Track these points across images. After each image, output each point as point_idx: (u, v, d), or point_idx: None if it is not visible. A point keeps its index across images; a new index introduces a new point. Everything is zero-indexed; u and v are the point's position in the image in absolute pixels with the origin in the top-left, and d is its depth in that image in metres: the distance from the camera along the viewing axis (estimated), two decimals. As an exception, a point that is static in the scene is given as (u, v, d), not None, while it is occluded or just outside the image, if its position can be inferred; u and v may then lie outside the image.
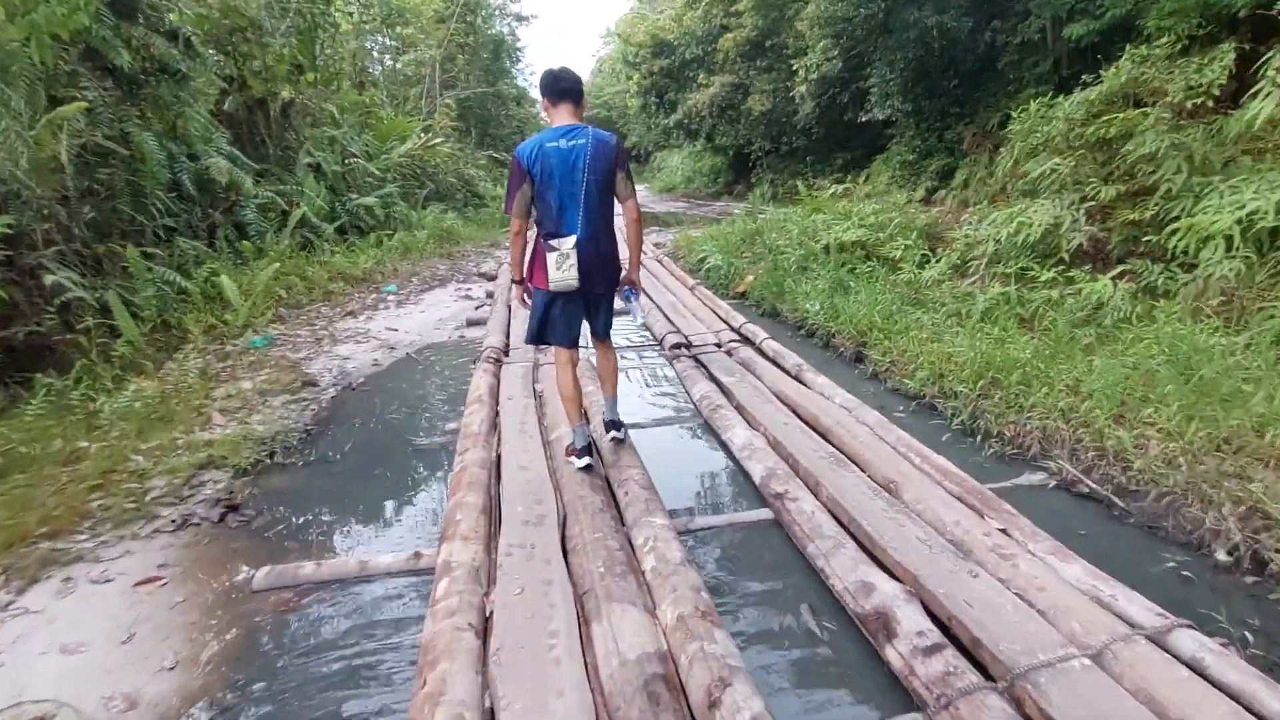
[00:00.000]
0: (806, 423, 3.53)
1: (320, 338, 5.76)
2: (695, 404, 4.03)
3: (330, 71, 12.58)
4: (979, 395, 3.48)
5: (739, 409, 3.83)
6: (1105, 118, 5.69)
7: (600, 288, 2.84)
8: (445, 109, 20.56)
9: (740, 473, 3.17)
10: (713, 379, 4.35)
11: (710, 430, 3.70)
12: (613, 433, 3.14)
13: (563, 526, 2.57)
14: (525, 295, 2.93)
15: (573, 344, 2.94)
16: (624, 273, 2.96)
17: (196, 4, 7.85)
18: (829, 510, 2.64)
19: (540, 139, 2.67)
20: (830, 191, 9.86)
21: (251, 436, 3.68)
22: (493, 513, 2.76)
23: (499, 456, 3.27)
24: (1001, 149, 10.86)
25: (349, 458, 3.57)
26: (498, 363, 4.74)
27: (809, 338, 5.34)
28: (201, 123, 7.82)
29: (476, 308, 6.94)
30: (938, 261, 6.29)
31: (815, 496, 2.77)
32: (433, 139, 14.00)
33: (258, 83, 9.39)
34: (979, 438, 3.35)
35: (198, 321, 5.65)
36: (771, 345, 4.86)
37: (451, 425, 3.85)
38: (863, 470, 2.97)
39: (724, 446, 3.46)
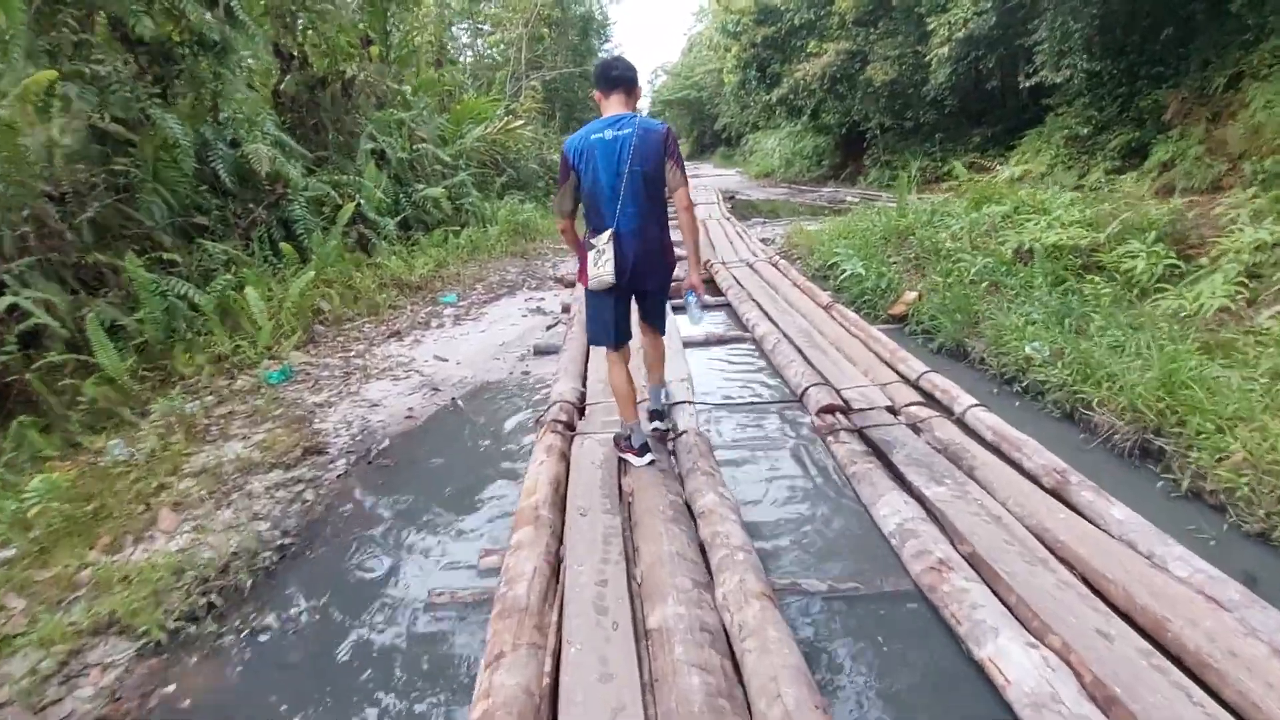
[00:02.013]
0: (1143, 631, 1.83)
1: (351, 371, 4.53)
2: (890, 544, 2.40)
3: (405, 49, 11.59)
4: None
5: (976, 564, 2.16)
6: None
7: (648, 284, 2.69)
8: (531, 91, 19.50)
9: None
10: (905, 486, 2.69)
11: (926, 601, 2.08)
12: (655, 423, 3.02)
13: None
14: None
15: (622, 343, 2.79)
16: (685, 276, 2.80)
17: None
18: None
19: (587, 130, 2.54)
20: (1006, 174, 7.73)
21: (196, 563, 2.40)
22: None
23: (556, 672, 1.79)
24: (1226, 118, 8.38)
25: (320, 623, 2.21)
26: (569, 428, 3.29)
27: (1031, 398, 3.54)
28: (248, 103, 6.84)
29: (548, 327, 5.54)
30: (1207, 279, 4.25)
31: None
32: (513, 121, 12.79)
33: (319, 58, 8.41)
34: None
35: (207, 349, 4.55)
36: (986, 419, 3.12)
37: (490, 559, 2.43)
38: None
39: (976, 665, 1.83)
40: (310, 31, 8.14)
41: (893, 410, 3.36)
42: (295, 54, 8.18)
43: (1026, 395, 3.56)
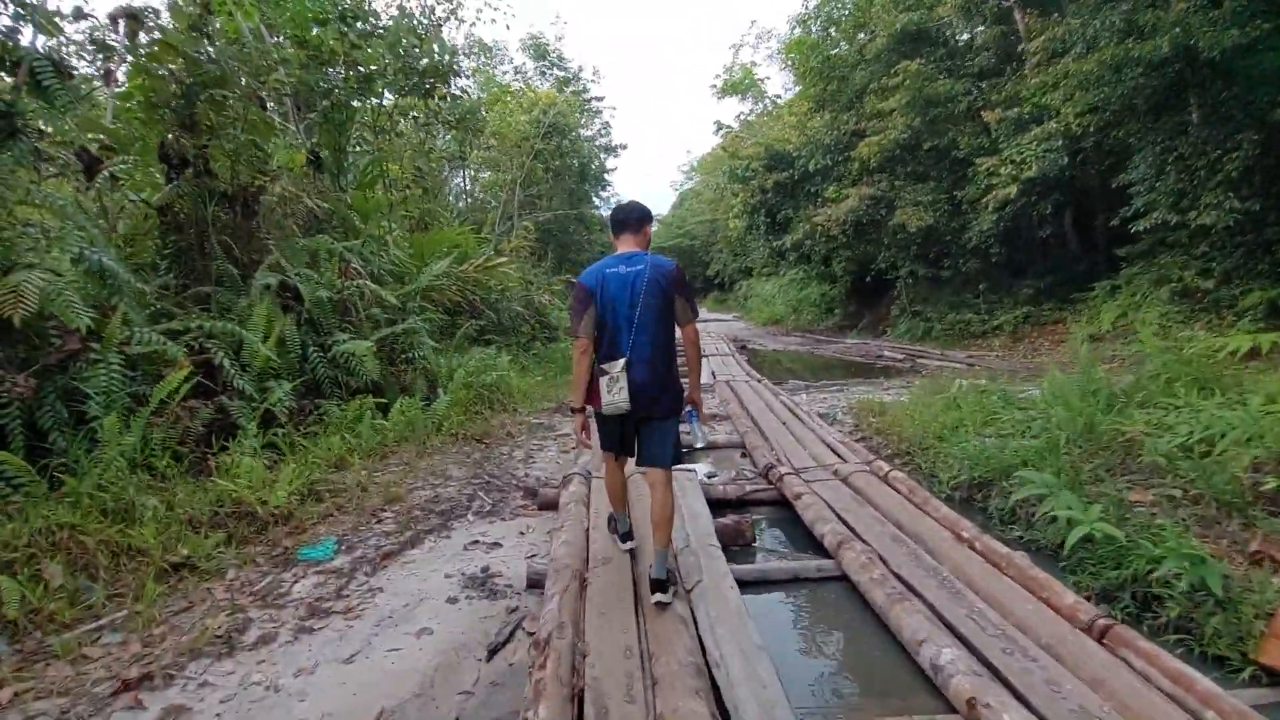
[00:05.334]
0: None
1: None
2: None
3: (371, 174, 9.69)
4: None
5: None
6: None
7: (654, 410, 2.71)
8: (523, 231, 18.04)
9: None
10: None
11: None
12: (657, 595, 2.60)
13: None
14: (584, 430, 2.89)
15: (622, 455, 2.93)
16: (686, 393, 2.89)
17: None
18: None
19: (602, 265, 2.74)
20: (1236, 346, 5.30)
21: None
22: None
23: None
24: None
25: None
26: None
27: None
28: (55, 209, 4.42)
29: (493, 649, 2.64)
30: None
31: None
32: (494, 259, 10.72)
33: (224, 165, 6.21)
34: None
35: None
36: None
37: None
38: None
39: None
40: (211, 136, 6.00)
41: None
42: (192, 158, 5.97)
43: None
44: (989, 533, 3.33)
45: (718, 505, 4.08)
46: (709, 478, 4.83)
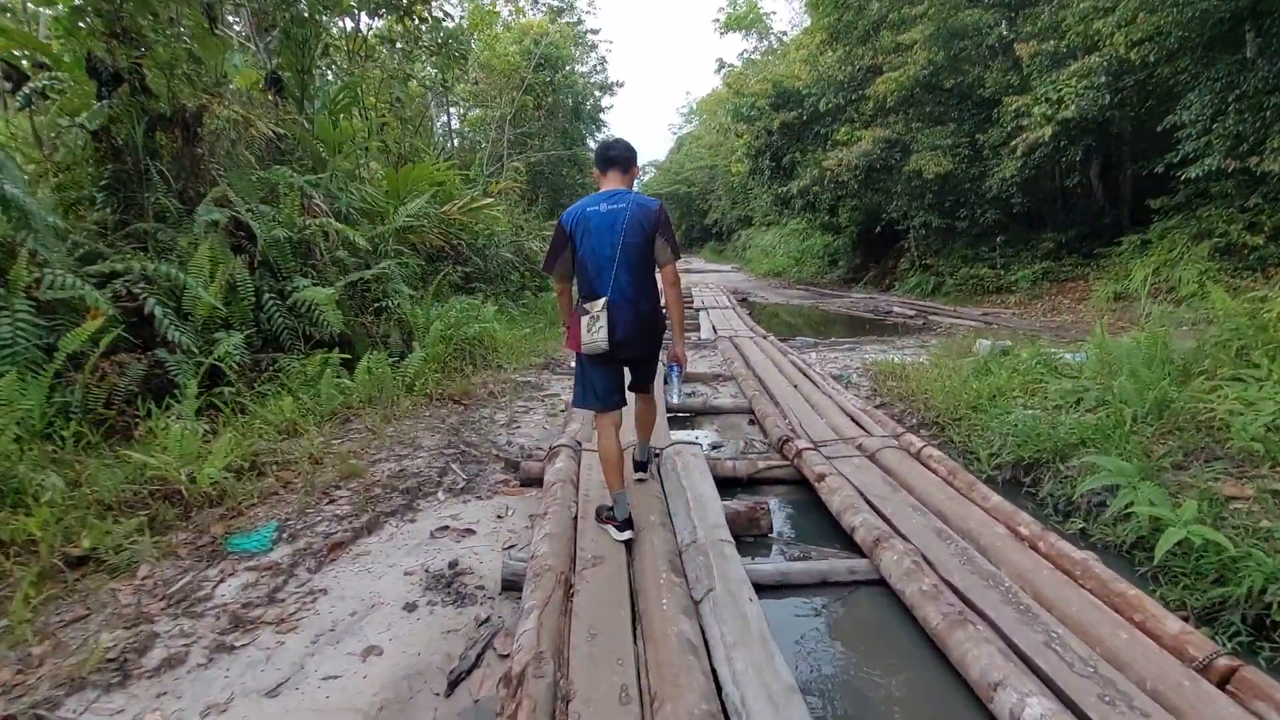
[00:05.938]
0: None
1: None
2: None
3: (343, 100, 8.78)
4: None
5: None
6: None
7: (637, 351, 2.74)
8: (513, 172, 17.03)
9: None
10: None
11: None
12: (639, 474, 3.10)
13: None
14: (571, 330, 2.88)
15: (612, 407, 2.77)
16: (669, 344, 2.88)
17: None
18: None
19: (583, 204, 2.68)
20: None
21: None
22: None
23: None
24: None
25: None
26: None
27: None
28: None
29: (454, 678, 2.12)
30: None
31: None
32: (479, 199, 9.91)
33: (161, 82, 5.41)
34: None
35: None
36: None
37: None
38: None
39: None
40: (142, 46, 5.16)
41: None
42: (126, 74, 5.16)
43: None
44: (1051, 529, 2.82)
45: (725, 485, 3.55)
46: (714, 449, 4.31)
